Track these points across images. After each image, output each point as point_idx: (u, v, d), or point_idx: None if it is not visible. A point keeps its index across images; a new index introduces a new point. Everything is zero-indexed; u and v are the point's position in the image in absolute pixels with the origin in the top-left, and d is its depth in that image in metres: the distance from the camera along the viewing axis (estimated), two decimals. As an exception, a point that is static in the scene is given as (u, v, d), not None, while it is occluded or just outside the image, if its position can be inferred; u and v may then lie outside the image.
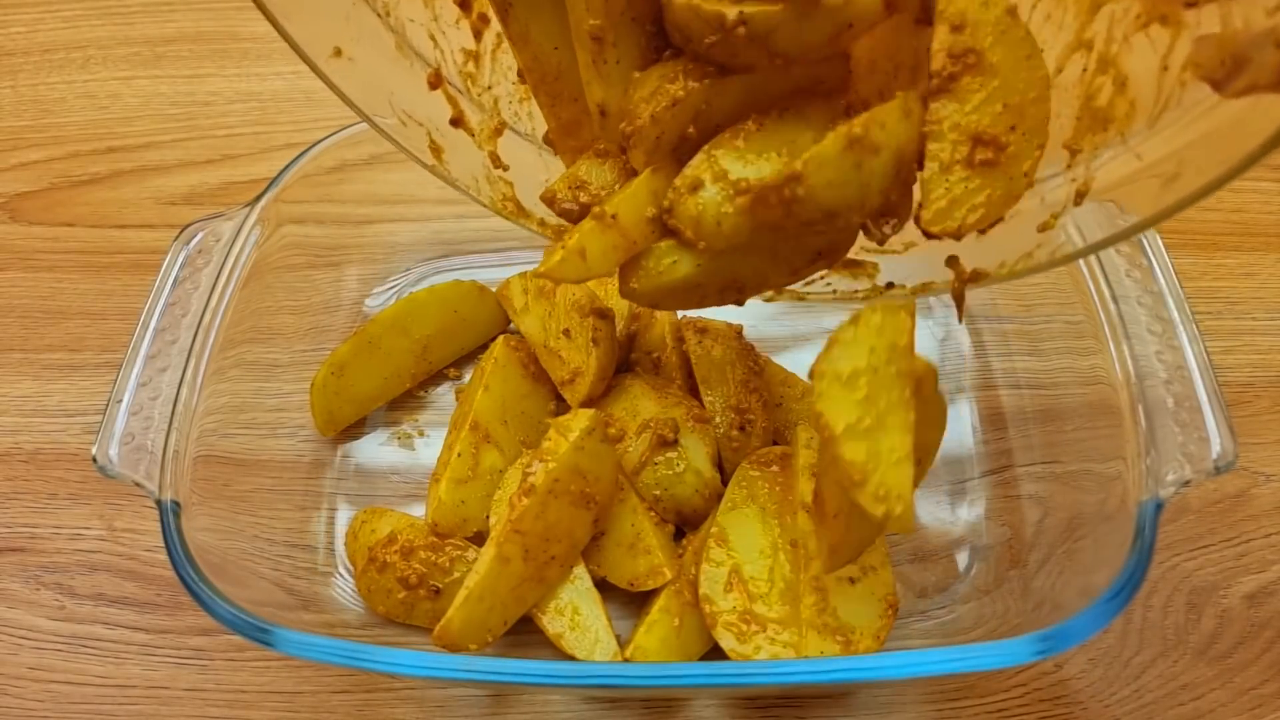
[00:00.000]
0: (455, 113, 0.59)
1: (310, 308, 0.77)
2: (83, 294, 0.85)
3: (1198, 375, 0.57)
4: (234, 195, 0.92)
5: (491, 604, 0.56)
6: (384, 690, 0.63)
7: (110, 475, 0.56)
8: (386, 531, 0.63)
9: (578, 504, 0.59)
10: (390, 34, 0.56)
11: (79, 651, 0.66)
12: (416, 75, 0.58)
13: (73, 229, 0.91)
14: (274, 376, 0.72)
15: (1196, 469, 0.54)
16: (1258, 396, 0.75)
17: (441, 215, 0.84)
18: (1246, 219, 0.86)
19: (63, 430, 0.77)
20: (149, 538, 0.71)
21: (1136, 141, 0.46)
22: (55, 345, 0.82)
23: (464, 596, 0.56)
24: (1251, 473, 0.71)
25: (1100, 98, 0.47)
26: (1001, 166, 0.47)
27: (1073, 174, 0.49)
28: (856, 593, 0.61)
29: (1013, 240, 0.52)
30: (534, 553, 0.58)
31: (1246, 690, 0.62)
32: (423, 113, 0.59)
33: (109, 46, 1.07)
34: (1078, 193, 0.49)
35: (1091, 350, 0.64)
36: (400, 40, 0.57)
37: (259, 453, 0.69)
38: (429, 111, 0.59)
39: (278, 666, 0.64)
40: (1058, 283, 0.68)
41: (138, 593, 0.68)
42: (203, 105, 1.01)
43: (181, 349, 0.61)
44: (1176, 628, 0.64)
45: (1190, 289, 0.61)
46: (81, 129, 0.99)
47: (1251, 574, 0.66)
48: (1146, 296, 0.62)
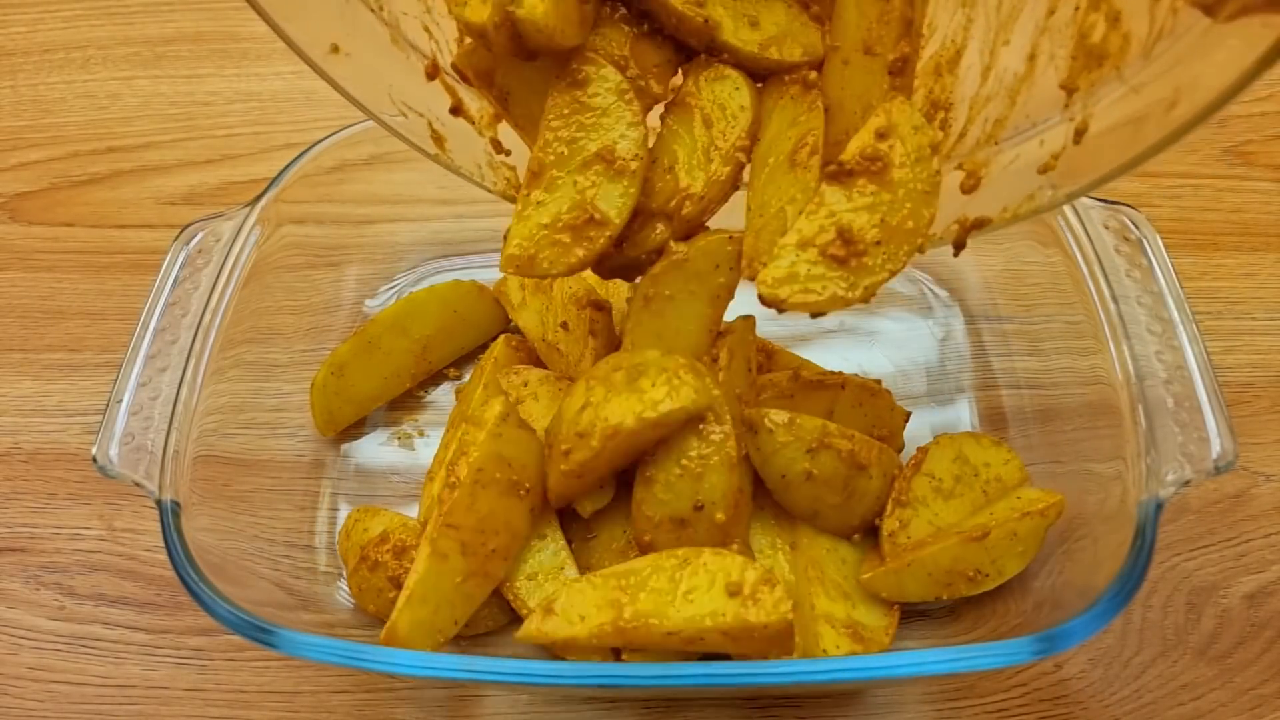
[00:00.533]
0: (454, 101, 0.60)
1: (310, 308, 0.77)
2: (82, 294, 0.85)
3: (1198, 375, 0.57)
4: (234, 195, 0.92)
5: (437, 604, 0.56)
6: (383, 690, 0.63)
7: (110, 475, 0.56)
8: (379, 531, 0.63)
9: (508, 493, 0.59)
10: (385, 28, 0.57)
11: (79, 651, 0.66)
12: (414, 67, 0.58)
13: (72, 229, 0.91)
14: (274, 376, 0.72)
15: (1196, 469, 0.54)
16: (1258, 396, 0.75)
17: (441, 215, 0.84)
18: (1246, 219, 0.86)
19: (62, 430, 0.77)
20: (149, 538, 0.71)
21: (1132, 74, 0.46)
22: (55, 345, 0.82)
23: (405, 598, 0.55)
24: (1251, 473, 0.71)
25: (1094, 35, 0.47)
26: (849, 269, 0.51)
27: (1070, 113, 0.49)
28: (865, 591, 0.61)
29: (1015, 185, 0.52)
30: (472, 546, 0.58)
31: (1246, 690, 0.62)
32: (422, 103, 0.59)
33: (109, 46, 1.07)
34: (1076, 131, 0.49)
35: (1091, 350, 0.64)
36: (395, 34, 0.57)
37: (259, 453, 0.69)
38: (428, 102, 0.59)
39: (277, 666, 0.64)
40: (1057, 283, 0.68)
41: (137, 593, 0.68)
42: (202, 105, 1.01)
43: (181, 349, 0.61)
44: (1176, 628, 0.64)
45: (1190, 289, 0.61)
46: (81, 129, 0.99)
47: (1251, 574, 0.66)
48: (1146, 296, 0.62)
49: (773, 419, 0.60)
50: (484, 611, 0.61)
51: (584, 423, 0.57)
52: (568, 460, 0.58)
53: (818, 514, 0.62)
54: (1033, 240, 0.72)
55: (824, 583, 0.61)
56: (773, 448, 0.60)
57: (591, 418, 0.57)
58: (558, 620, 0.55)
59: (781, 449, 0.60)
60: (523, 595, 0.60)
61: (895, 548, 0.61)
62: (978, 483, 0.65)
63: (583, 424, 0.57)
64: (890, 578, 0.60)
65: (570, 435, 0.58)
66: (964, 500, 0.64)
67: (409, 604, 0.55)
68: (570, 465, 0.57)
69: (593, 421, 0.57)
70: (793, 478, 0.61)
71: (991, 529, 0.59)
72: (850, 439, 0.61)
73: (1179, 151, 0.92)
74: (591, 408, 0.57)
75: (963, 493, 0.64)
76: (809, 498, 0.61)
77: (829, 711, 0.61)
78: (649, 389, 0.56)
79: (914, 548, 0.61)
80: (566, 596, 0.55)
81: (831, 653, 0.57)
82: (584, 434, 0.57)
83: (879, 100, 0.53)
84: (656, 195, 0.56)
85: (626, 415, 0.55)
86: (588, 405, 0.58)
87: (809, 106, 0.54)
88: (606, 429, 0.56)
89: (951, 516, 0.63)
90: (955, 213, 0.55)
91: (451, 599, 0.57)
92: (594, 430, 0.56)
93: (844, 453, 0.61)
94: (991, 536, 0.59)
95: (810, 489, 0.61)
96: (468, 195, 0.82)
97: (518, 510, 0.59)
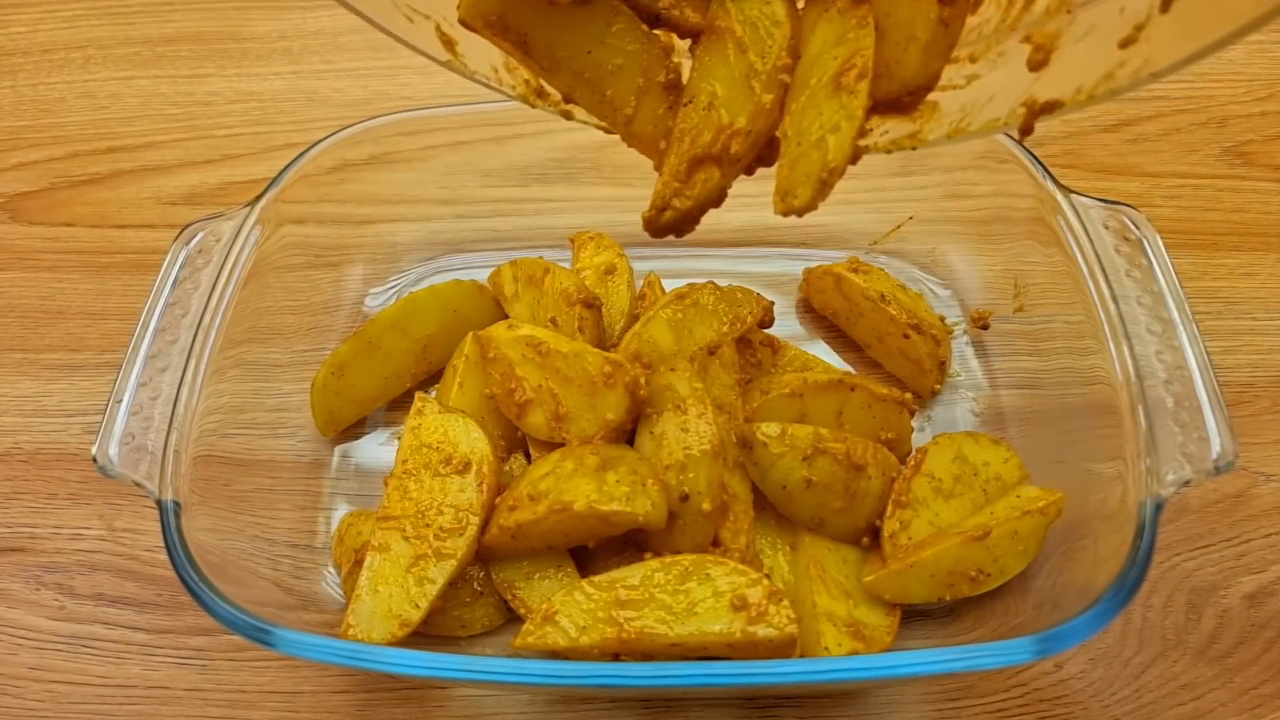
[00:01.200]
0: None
1: (310, 308, 0.77)
2: (83, 294, 0.85)
3: (1198, 375, 0.57)
4: (234, 195, 0.92)
5: (389, 592, 0.57)
6: (384, 690, 0.63)
7: (110, 475, 0.56)
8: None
9: (442, 473, 0.60)
10: None
11: (79, 651, 0.66)
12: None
13: (73, 229, 0.91)
14: (274, 376, 0.72)
15: (1196, 469, 0.54)
16: (1258, 396, 0.75)
17: (441, 215, 0.84)
18: (1247, 219, 0.86)
19: (63, 430, 0.77)
20: (149, 538, 0.71)
21: None
22: (55, 345, 0.82)
23: (355, 595, 0.57)
24: (1251, 473, 0.71)
25: None
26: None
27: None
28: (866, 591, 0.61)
29: (1091, 61, 0.46)
30: (414, 531, 0.59)
31: (1246, 690, 0.62)
32: (426, 4, 0.55)
33: (109, 46, 1.07)
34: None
35: (1091, 350, 0.64)
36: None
37: (259, 453, 0.69)
38: (434, 2, 0.55)
39: (278, 666, 0.64)
40: (1057, 283, 0.68)
41: (138, 593, 0.68)
42: (203, 105, 1.01)
43: (181, 349, 0.61)
44: (1176, 628, 0.64)
45: (1190, 289, 0.62)
46: (81, 129, 0.99)
47: (1251, 574, 0.66)
48: (1146, 296, 0.62)
49: (765, 432, 0.60)
50: (481, 611, 0.62)
51: (541, 488, 0.58)
52: (509, 515, 0.59)
53: (823, 522, 0.62)
54: (1033, 240, 0.72)
55: (825, 581, 0.61)
56: (769, 460, 0.60)
57: (550, 486, 0.58)
58: (557, 630, 0.55)
59: (778, 460, 0.60)
60: (521, 595, 0.61)
61: (897, 549, 0.61)
62: (977, 482, 0.65)
63: (539, 488, 0.58)
64: (893, 580, 0.60)
65: (523, 495, 0.59)
66: (964, 500, 0.64)
67: (358, 598, 0.57)
68: (508, 521, 0.58)
69: (549, 490, 0.58)
70: (793, 487, 0.61)
71: (992, 528, 0.59)
72: (844, 441, 0.61)
73: (1179, 151, 0.92)
74: (553, 477, 0.58)
75: (963, 492, 0.64)
76: (812, 505, 0.61)
77: (829, 711, 0.61)
78: (612, 483, 0.57)
79: (915, 548, 0.61)
80: (566, 605, 0.56)
81: (833, 651, 0.57)
82: (535, 498, 0.58)
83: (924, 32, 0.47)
84: (700, 137, 0.51)
85: (580, 497, 0.56)
86: (552, 474, 0.59)
87: (859, 23, 0.48)
88: (557, 502, 0.57)
89: (952, 516, 0.63)
90: (1022, 93, 0.48)
91: (404, 583, 0.58)
92: (545, 497, 0.57)
93: (840, 455, 0.61)
94: (993, 536, 0.59)
95: (812, 496, 0.61)
96: (468, 195, 0.82)
97: (456, 484, 0.60)
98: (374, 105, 0.97)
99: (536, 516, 0.57)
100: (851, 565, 0.63)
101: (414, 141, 0.80)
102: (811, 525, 0.63)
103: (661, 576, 0.56)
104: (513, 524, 0.58)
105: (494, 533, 0.60)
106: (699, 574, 0.55)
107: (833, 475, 0.61)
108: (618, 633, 0.54)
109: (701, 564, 0.56)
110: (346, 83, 1.01)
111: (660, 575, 0.56)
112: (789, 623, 0.53)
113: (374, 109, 0.83)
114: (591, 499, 0.56)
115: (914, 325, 0.72)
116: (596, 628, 0.54)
